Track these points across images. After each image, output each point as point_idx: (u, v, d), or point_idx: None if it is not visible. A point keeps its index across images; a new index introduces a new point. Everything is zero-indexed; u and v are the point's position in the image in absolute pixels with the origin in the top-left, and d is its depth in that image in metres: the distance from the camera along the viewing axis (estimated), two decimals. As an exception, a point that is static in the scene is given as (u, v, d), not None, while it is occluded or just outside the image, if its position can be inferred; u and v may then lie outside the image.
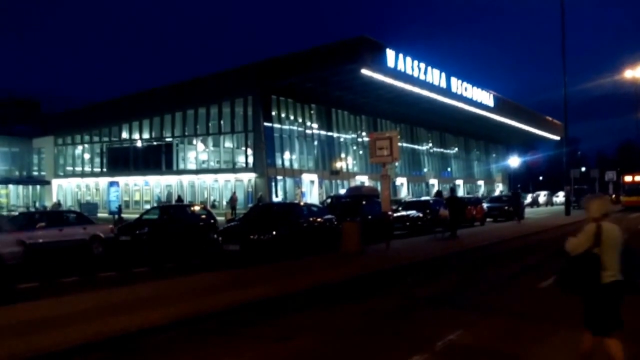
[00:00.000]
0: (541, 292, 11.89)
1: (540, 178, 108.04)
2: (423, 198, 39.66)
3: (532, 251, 20.12)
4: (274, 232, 17.19)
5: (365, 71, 43.51)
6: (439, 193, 44.10)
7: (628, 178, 53.80)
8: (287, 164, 52.07)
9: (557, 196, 74.42)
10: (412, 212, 28.78)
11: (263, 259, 16.09)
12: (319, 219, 20.29)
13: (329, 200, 31.02)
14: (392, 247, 19.41)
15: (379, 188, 28.86)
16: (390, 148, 19.87)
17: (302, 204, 25.46)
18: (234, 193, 48.70)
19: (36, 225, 18.03)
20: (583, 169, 71.28)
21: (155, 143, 56.86)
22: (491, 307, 10.47)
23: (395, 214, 26.47)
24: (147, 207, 43.66)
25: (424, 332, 8.58)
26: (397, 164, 53.33)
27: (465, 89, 57.69)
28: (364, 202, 25.02)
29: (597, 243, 5.78)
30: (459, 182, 78.38)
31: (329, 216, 21.01)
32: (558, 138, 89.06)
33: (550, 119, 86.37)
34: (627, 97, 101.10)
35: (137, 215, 26.96)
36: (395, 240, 21.61)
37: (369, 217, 22.65)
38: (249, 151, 51.10)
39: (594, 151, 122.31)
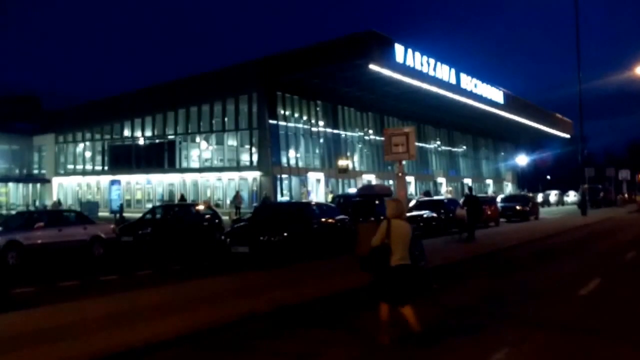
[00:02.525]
0: (582, 300, 10.91)
1: (548, 177, 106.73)
2: (435, 197, 38.55)
3: (559, 254, 18.99)
4: (285, 233, 16.18)
5: (373, 66, 42.46)
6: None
7: None
8: (292, 162, 51.10)
9: (568, 195, 73.47)
10: (426, 212, 27.63)
11: (274, 262, 15.13)
12: (330, 220, 19.25)
13: (337, 200, 29.95)
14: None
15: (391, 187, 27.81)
16: (406, 144, 18.80)
17: (313, 203, 24.44)
18: (238, 192, 47.69)
19: (34, 225, 17.01)
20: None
21: (157, 141, 55.91)
22: (532, 319, 9.34)
23: (407, 214, 25.36)
24: (150, 206, 42.60)
25: (464, 349, 7.55)
26: (404, 162, 52.33)
27: (475, 86, 56.75)
28: (377, 202, 23.92)
29: (388, 236, 7.66)
30: (467, 180, 77.37)
31: (342, 216, 19.97)
32: (568, 136, 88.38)
33: (560, 116, 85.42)
34: (636, 95, 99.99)
35: (139, 215, 26.01)
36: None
37: (382, 217, 21.60)
38: (254, 149, 50.10)
39: (601, 150, 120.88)
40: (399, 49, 44.54)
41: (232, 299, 10.38)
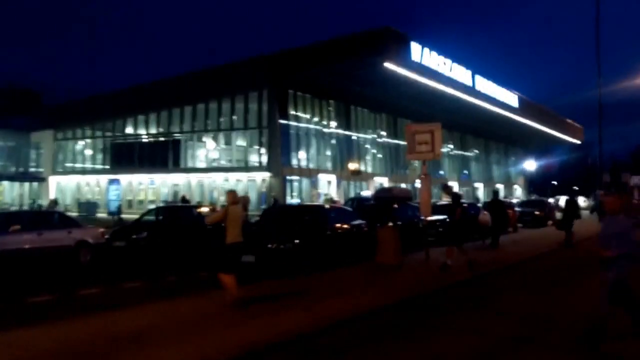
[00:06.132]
0: None
1: (554, 182, 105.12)
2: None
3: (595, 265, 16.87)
4: (297, 241, 14.22)
5: (388, 64, 40.48)
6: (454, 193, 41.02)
7: None
8: (303, 163, 49.15)
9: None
10: (444, 217, 25.68)
11: (283, 272, 13.22)
12: (346, 225, 17.26)
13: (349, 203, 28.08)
14: (432, 258, 16.44)
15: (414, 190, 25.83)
16: (431, 143, 16.84)
17: (327, 205, 22.48)
18: (247, 194, 45.78)
19: (9, 228, 14.88)
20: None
21: (162, 139, 53.94)
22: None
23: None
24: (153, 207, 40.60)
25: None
26: (416, 163, 50.30)
27: (491, 88, 54.84)
28: (395, 206, 21.92)
29: (224, 219, 9.98)
30: (479, 185, 75.60)
31: (359, 221, 17.99)
32: (579, 142, 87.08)
33: (570, 121, 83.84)
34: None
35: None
36: (431, 249, 18.46)
37: (399, 222, 19.65)
38: (263, 149, 48.18)
39: (606, 156, 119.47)
40: (415, 47, 42.60)
41: (233, 324, 8.44)
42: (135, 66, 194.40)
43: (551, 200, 64.54)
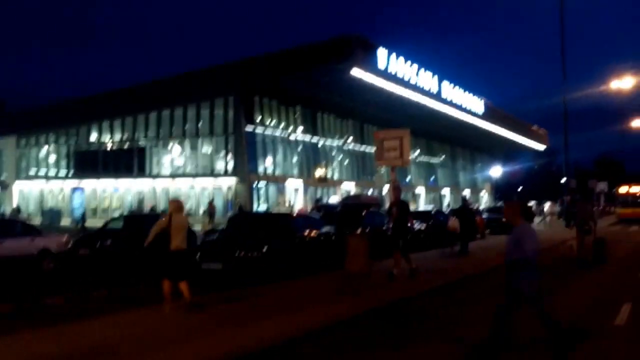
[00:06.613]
0: (623, 331, 9.04)
1: (520, 188, 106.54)
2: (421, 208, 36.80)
3: (571, 271, 16.99)
4: (265, 248, 14.05)
5: (355, 72, 40.75)
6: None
7: (623, 189, 52.12)
8: (269, 170, 48.94)
9: (544, 206, 72.07)
10: (415, 224, 25.74)
11: (250, 281, 13.04)
12: (314, 232, 17.14)
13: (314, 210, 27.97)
14: (402, 266, 16.37)
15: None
16: (400, 149, 16.83)
17: (295, 213, 22.36)
18: (212, 200, 45.38)
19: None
20: (564, 179, 69.69)
21: (127, 146, 53.19)
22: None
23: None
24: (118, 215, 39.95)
25: None
26: (382, 169, 50.48)
27: (456, 95, 55.42)
28: (363, 213, 21.86)
29: (169, 226, 10.13)
30: (445, 191, 76.10)
31: (327, 228, 17.89)
32: (543, 147, 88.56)
33: (536, 127, 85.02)
34: (605, 110, 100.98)
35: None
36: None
37: (367, 230, 19.61)
38: (229, 156, 47.82)
39: (571, 163, 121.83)
40: (381, 54, 42.95)
41: (190, 339, 8.19)
42: (100, 73, 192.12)
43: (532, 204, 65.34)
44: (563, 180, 63.81)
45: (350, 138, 57.58)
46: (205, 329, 8.85)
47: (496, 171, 76.19)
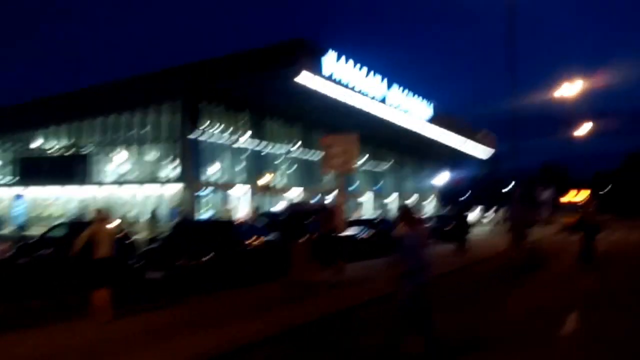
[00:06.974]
0: (567, 341, 9.19)
1: (465, 196, 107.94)
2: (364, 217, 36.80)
3: (512, 278, 17.19)
4: (207, 257, 13.87)
5: (302, 77, 40.66)
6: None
7: (565, 199, 53.39)
8: (215, 176, 48.44)
9: (487, 213, 72.70)
10: (357, 232, 25.72)
11: (192, 290, 12.82)
12: (258, 240, 17.00)
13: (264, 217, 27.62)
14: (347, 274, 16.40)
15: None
16: (347, 155, 16.85)
17: (239, 220, 22.13)
18: (156, 208, 44.56)
19: None
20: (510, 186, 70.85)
21: (70, 152, 51.91)
22: None
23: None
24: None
25: None
26: (329, 176, 50.54)
27: (405, 100, 55.73)
28: (307, 221, 21.73)
29: (94, 235, 10.22)
30: (392, 198, 76.29)
31: (271, 236, 17.77)
32: (492, 151, 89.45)
33: (484, 133, 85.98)
34: (551, 118, 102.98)
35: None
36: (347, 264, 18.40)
37: (313, 237, 19.52)
38: (173, 162, 47.16)
39: (516, 170, 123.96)
40: (329, 59, 43.01)
41: (127, 352, 8.00)
42: (45, 78, 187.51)
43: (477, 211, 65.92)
44: (510, 187, 65.16)
45: (298, 144, 57.38)
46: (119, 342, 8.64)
47: (442, 178, 76.81)
